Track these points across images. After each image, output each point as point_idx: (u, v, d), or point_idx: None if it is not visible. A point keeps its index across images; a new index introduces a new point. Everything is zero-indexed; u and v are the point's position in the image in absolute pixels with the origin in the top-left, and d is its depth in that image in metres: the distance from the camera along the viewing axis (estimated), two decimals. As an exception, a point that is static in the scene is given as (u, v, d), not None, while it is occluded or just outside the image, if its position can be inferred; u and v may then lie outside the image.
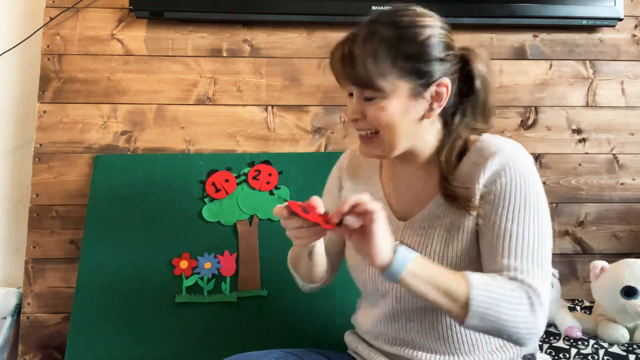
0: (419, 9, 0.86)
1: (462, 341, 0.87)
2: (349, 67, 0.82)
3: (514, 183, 0.81)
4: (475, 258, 0.84)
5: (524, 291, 0.76)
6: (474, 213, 0.83)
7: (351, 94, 0.87)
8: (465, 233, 0.84)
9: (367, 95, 0.83)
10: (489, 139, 0.87)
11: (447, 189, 0.84)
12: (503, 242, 0.79)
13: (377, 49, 0.80)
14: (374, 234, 0.72)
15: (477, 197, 0.83)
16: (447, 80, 0.83)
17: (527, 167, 0.83)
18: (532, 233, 0.79)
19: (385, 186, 0.97)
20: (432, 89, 0.83)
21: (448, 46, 0.85)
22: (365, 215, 0.73)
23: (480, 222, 0.83)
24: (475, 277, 0.76)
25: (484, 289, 0.75)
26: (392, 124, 0.82)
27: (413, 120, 0.84)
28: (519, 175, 0.81)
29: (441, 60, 0.83)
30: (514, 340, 0.78)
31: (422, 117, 0.85)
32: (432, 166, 0.89)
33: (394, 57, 0.80)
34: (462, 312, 0.75)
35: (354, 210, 0.73)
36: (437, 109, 0.84)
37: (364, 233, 0.73)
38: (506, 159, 0.82)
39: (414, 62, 0.81)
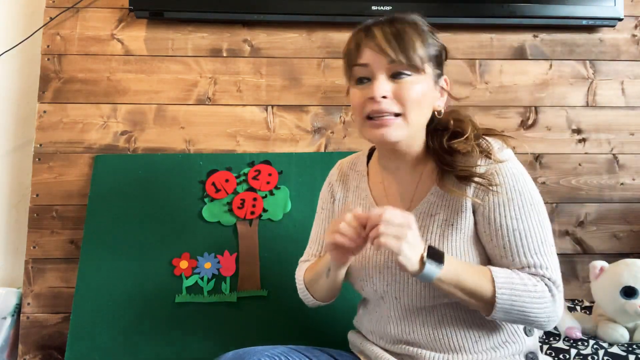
0: None
1: (465, 339, 0.88)
2: (399, 43, 0.86)
3: (507, 182, 0.87)
4: (472, 257, 0.88)
5: (545, 285, 0.83)
6: (477, 201, 0.87)
7: (364, 80, 0.88)
8: (460, 232, 0.88)
9: (402, 71, 0.86)
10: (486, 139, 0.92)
11: (460, 170, 0.87)
12: (514, 241, 0.85)
13: (420, 33, 0.88)
14: (402, 250, 0.77)
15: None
16: (447, 79, 0.94)
17: (514, 165, 0.89)
18: (536, 226, 0.85)
19: (374, 191, 0.99)
20: (442, 81, 0.93)
21: (441, 44, 0.95)
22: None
23: (480, 219, 0.87)
24: (500, 276, 0.82)
25: (508, 288, 0.81)
26: (419, 100, 0.87)
27: (429, 104, 0.90)
28: (510, 175, 0.87)
29: (443, 62, 0.94)
30: (536, 326, 0.86)
31: (434, 108, 0.92)
32: (421, 165, 0.94)
33: (428, 45, 0.89)
34: (488, 308, 0.82)
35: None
36: (442, 102, 0.92)
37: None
38: (496, 159, 0.88)
39: (437, 53, 0.91)
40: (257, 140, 1.58)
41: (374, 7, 1.52)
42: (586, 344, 1.17)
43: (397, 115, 0.86)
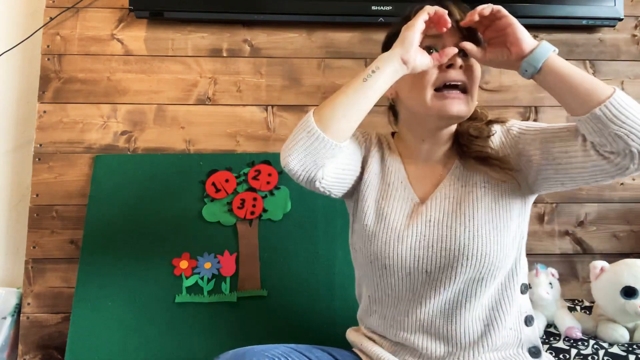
0: None
1: (469, 333, 0.89)
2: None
3: (519, 122, 0.97)
4: (505, 209, 0.91)
5: None
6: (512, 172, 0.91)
7: (430, 49, 0.89)
8: (512, 188, 0.92)
9: (470, 48, 0.87)
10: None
11: (477, 153, 0.92)
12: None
13: None
14: (512, 21, 0.83)
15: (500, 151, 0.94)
16: None
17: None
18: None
19: (407, 169, 0.99)
20: None
21: None
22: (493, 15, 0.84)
23: (532, 145, 0.91)
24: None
25: (623, 93, 0.80)
26: (477, 81, 0.91)
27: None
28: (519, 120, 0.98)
29: None
30: (631, 139, 0.78)
31: None
32: (450, 150, 0.97)
33: None
34: (610, 90, 0.80)
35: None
36: None
37: (499, 34, 0.85)
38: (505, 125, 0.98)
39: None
40: (257, 140, 1.58)
41: (374, 7, 1.52)
42: (586, 344, 1.17)
43: (463, 91, 0.89)
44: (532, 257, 1.54)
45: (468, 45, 0.87)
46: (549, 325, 1.28)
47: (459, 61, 0.88)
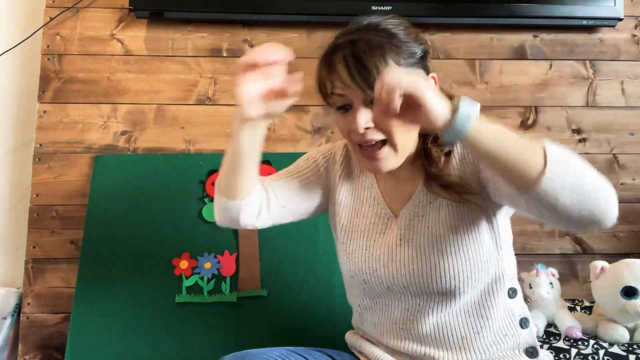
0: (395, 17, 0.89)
1: (467, 330, 0.89)
2: (363, 75, 0.80)
3: None
4: (474, 223, 0.87)
5: None
6: (473, 198, 0.85)
7: (345, 108, 0.84)
8: (474, 211, 0.87)
9: (378, 122, 0.79)
10: None
11: (437, 178, 0.86)
12: None
13: (384, 49, 0.81)
14: (414, 92, 0.67)
15: (460, 175, 0.87)
16: (435, 74, 0.87)
17: None
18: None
19: (380, 184, 0.97)
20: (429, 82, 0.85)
21: (425, 43, 0.88)
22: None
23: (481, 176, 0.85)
24: (547, 141, 0.70)
25: (559, 151, 0.69)
26: (400, 127, 0.81)
27: None
28: None
29: (425, 57, 0.86)
30: (592, 212, 0.68)
31: None
32: (416, 167, 0.91)
33: (403, 56, 0.82)
34: (540, 162, 0.67)
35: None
36: None
37: (411, 106, 0.68)
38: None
39: (417, 59, 0.84)
40: (257, 140, 1.58)
41: (374, 7, 1.52)
42: (586, 343, 1.17)
43: (384, 142, 0.83)
44: (532, 257, 1.55)
45: (377, 120, 0.77)
46: (549, 325, 1.28)
47: (361, 128, 0.81)
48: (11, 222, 1.61)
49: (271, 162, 1.49)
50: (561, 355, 1.15)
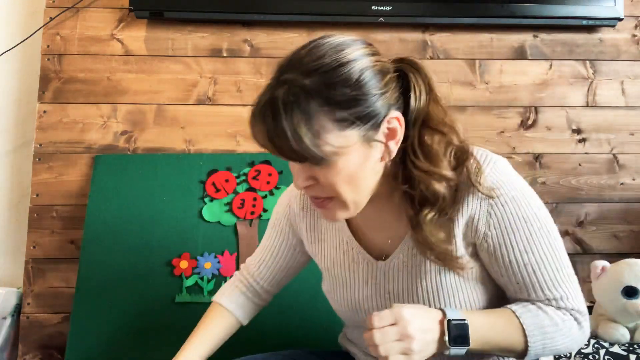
0: (334, 40, 0.69)
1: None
2: (279, 144, 0.66)
3: (508, 211, 0.74)
4: (478, 295, 0.80)
5: (573, 317, 0.76)
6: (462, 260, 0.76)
7: None
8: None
9: (312, 163, 0.69)
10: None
11: (426, 244, 0.75)
12: (529, 277, 0.75)
13: (307, 109, 0.65)
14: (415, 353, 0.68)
15: (458, 243, 0.76)
16: (396, 113, 0.70)
17: (511, 185, 0.75)
18: (549, 253, 0.75)
19: (352, 223, 0.87)
20: (384, 127, 0.70)
21: (383, 72, 0.70)
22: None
23: (485, 256, 0.77)
24: (528, 322, 0.74)
25: (539, 333, 0.74)
26: (352, 181, 0.70)
27: (372, 168, 0.72)
28: (509, 203, 0.74)
29: (382, 93, 0.69)
30: (568, 352, 0.87)
31: (381, 159, 0.72)
32: (401, 194, 0.76)
33: (330, 111, 0.65)
34: (520, 354, 0.76)
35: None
36: (396, 146, 0.71)
37: None
38: (488, 190, 0.73)
39: (353, 107, 0.66)
40: (257, 140, 1.58)
41: (374, 7, 1.52)
42: (587, 343, 1.17)
43: (331, 197, 0.73)
44: (532, 257, 1.54)
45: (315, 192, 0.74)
46: (549, 325, 1.28)
47: (300, 188, 0.74)
48: (11, 222, 1.61)
49: (271, 162, 1.49)
50: (562, 355, 1.15)
